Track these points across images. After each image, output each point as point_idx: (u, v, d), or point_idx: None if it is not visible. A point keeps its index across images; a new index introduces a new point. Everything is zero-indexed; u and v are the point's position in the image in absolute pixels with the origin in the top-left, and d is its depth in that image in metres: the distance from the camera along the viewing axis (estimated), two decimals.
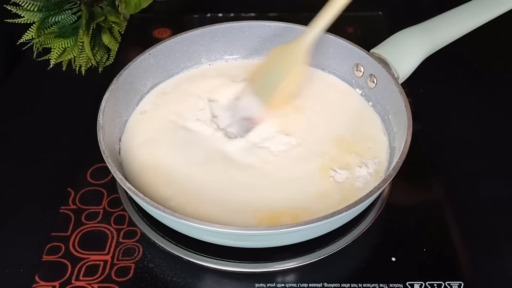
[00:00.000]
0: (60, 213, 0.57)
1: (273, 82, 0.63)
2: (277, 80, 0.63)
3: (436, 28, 0.64)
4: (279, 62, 0.64)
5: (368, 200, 0.49)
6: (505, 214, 0.65)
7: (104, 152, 0.53)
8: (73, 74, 0.85)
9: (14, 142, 0.75)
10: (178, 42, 0.68)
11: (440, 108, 0.77)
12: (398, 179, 0.52)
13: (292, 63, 0.63)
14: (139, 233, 0.55)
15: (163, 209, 0.48)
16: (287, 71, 0.63)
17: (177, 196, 0.55)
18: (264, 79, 0.64)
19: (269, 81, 0.64)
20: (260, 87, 0.64)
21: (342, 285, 0.51)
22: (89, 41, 0.81)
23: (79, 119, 0.68)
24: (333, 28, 0.70)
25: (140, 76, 0.66)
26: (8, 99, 0.82)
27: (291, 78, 0.63)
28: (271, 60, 0.65)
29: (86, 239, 0.55)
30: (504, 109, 0.78)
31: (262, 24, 0.71)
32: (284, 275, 0.52)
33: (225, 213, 0.53)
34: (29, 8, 0.80)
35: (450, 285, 0.51)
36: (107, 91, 0.59)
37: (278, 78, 0.63)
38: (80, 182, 0.60)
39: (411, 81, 0.63)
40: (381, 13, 0.85)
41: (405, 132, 0.54)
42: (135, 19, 0.86)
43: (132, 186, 0.49)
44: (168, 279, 0.52)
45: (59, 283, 0.51)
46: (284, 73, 0.63)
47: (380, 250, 0.54)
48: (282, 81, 0.63)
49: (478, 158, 0.71)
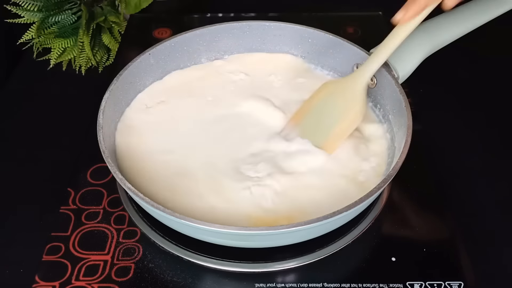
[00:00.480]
0: (60, 213, 0.57)
1: (327, 125, 0.56)
2: (331, 123, 0.56)
3: (436, 28, 0.64)
4: (333, 102, 0.56)
5: (368, 200, 0.49)
6: (505, 214, 0.65)
7: (104, 152, 0.53)
8: (73, 74, 0.85)
9: (14, 142, 0.75)
10: (178, 42, 0.68)
11: (440, 108, 0.77)
12: (398, 179, 0.52)
13: (350, 104, 0.56)
14: (139, 233, 0.55)
15: (163, 209, 0.48)
16: (344, 113, 0.56)
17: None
18: (315, 121, 0.57)
19: (322, 124, 0.56)
20: (311, 130, 0.57)
21: (342, 285, 0.51)
22: (89, 41, 0.81)
23: (79, 119, 0.68)
24: (333, 28, 0.70)
25: (140, 76, 0.66)
26: (8, 99, 0.82)
27: (347, 121, 0.56)
28: (323, 98, 0.58)
29: (86, 239, 0.55)
30: (504, 109, 0.78)
31: (262, 24, 0.71)
32: (284, 275, 0.52)
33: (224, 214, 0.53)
34: (29, 8, 0.80)
35: (450, 285, 0.51)
36: (107, 91, 0.59)
37: (332, 120, 0.56)
38: (80, 182, 0.60)
39: (411, 81, 0.63)
40: (381, 13, 0.85)
41: (405, 132, 0.54)
42: (135, 19, 0.86)
43: (132, 186, 0.49)
44: (168, 279, 0.52)
45: (59, 283, 0.51)
46: (340, 115, 0.56)
47: (380, 250, 0.54)
48: (337, 125, 0.56)
49: (478, 158, 0.71)
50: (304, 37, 0.70)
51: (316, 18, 0.84)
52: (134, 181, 0.56)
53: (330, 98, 0.57)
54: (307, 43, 0.70)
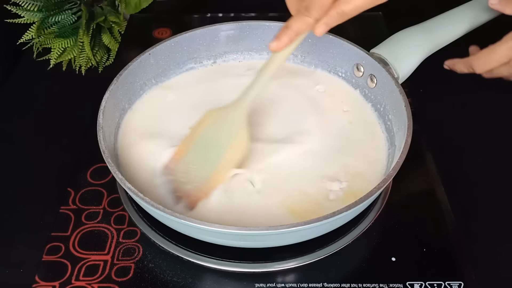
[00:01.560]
0: (60, 213, 0.57)
1: (214, 154, 0.56)
2: (219, 152, 0.55)
3: (436, 28, 0.64)
4: (218, 130, 0.56)
5: (368, 201, 0.49)
6: (505, 214, 0.65)
7: (104, 152, 0.53)
8: (73, 74, 0.85)
9: (14, 142, 0.75)
10: (178, 42, 0.68)
11: (440, 108, 0.77)
12: (398, 179, 0.52)
13: (234, 132, 0.56)
14: (139, 233, 0.55)
15: (163, 209, 0.48)
16: (229, 140, 0.56)
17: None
18: (202, 151, 0.56)
19: (209, 153, 0.56)
20: (198, 160, 0.56)
21: (342, 285, 0.51)
22: (89, 41, 0.81)
23: (79, 119, 0.68)
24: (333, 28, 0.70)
25: (140, 76, 0.66)
26: (8, 99, 0.82)
27: (234, 148, 0.56)
28: (206, 128, 0.57)
29: (86, 239, 0.55)
30: (504, 109, 0.78)
31: (262, 24, 0.71)
32: (284, 275, 0.52)
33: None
34: (29, 8, 0.80)
35: (450, 285, 0.51)
36: (107, 91, 0.59)
37: (219, 149, 0.56)
38: (80, 182, 0.60)
39: (411, 81, 0.63)
40: (381, 13, 0.85)
41: (405, 132, 0.54)
42: (135, 19, 0.86)
43: (132, 186, 0.49)
44: (168, 279, 0.52)
45: (59, 283, 0.51)
46: (226, 143, 0.56)
47: (380, 250, 0.54)
48: (224, 153, 0.55)
49: (478, 158, 0.71)
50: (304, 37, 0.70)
51: None
52: (134, 181, 0.56)
53: (213, 128, 0.57)
54: (307, 43, 0.70)
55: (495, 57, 0.56)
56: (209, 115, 0.58)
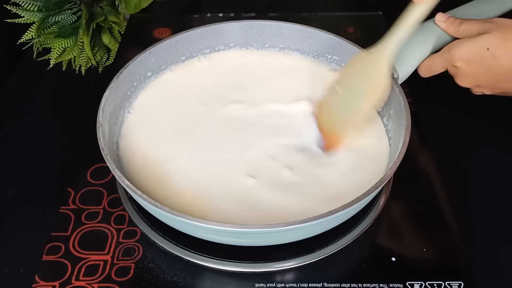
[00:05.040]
0: (60, 213, 0.57)
1: (353, 99, 0.57)
2: (357, 97, 0.57)
3: (436, 28, 0.63)
4: (360, 75, 0.58)
5: (365, 199, 0.49)
6: (505, 214, 0.65)
7: (103, 150, 0.53)
8: (73, 74, 0.85)
9: (14, 142, 0.75)
10: (179, 41, 0.69)
11: (440, 108, 0.77)
12: (398, 179, 0.52)
13: (373, 75, 0.56)
14: (139, 233, 0.55)
15: (160, 206, 0.48)
16: (367, 84, 0.57)
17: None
18: (344, 94, 0.58)
19: (348, 98, 0.58)
20: (339, 103, 0.58)
21: (342, 285, 0.51)
22: (89, 41, 0.81)
23: (79, 119, 0.68)
24: (333, 28, 0.70)
25: (140, 74, 0.66)
26: (8, 99, 0.82)
27: (370, 93, 0.57)
28: (350, 73, 0.59)
29: (86, 239, 0.55)
30: (504, 109, 0.78)
31: (262, 24, 0.71)
32: (284, 275, 0.52)
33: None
34: (29, 8, 0.80)
35: (450, 285, 0.51)
36: (107, 89, 0.60)
37: (358, 94, 0.57)
38: (80, 182, 0.60)
39: (411, 81, 0.63)
40: (381, 13, 0.85)
41: (404, 132, 0.54)
42: (135, 19, 0.86)
43: (130, 184, 0.49)
44: (168, 279, 0.52)
45: (59, 283, 0.51)
46: (364, 87, 0.57)
47: (380, 250, 0.54)
48: (362, 98, 0.57)
49: (478, 158, 0.71)
50: (304, 36, 0.70)
51: (316, 18, 0.84)
52: (135, 182, 0.57)
53: (357, 73, 0.59)
54: (307, 43, 0.70)
55: (434, 67, 0.59)
56: (353, 61, 0.59)
